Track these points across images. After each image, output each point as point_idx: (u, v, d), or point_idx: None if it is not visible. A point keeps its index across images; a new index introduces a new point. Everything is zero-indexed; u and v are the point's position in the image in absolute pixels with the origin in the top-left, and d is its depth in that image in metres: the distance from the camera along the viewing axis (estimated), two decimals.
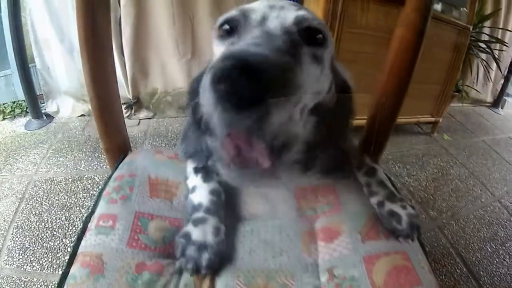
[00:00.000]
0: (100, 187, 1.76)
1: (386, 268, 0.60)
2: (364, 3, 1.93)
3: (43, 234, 1.51)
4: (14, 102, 2.68)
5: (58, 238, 1.49)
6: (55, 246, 1.45)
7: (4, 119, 2.56)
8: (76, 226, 1.55)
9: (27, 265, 1.37)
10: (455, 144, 2.89)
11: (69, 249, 1.43)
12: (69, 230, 1.53)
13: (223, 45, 0.52)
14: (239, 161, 0.44)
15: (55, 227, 1.55)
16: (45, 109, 2.62)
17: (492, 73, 3.81)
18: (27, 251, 1.43)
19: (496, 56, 3.36)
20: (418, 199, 2.02)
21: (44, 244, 1.46)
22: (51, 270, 1.35)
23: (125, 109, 2.61)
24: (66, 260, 1.35)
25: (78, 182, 1.84)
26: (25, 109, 2.63)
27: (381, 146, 0.93)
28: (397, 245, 0.65)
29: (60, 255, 1.41)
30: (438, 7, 2.37)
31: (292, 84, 0.40)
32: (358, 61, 2.09)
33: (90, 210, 0.68)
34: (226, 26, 0.52)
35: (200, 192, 0.68)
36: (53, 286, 1.31)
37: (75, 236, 1.45)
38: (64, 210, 1.64)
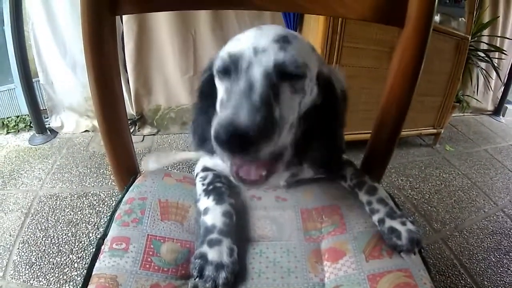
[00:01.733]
0: (105, 203, 1.80)
1: (389, 285, 0.62)
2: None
3: (49, 250, 1.52)
4: (17, 117, 2.69)
5: (64, 254, 1.50)
6: (61, 262, 1.46)
7: (8, 133, 2.58)
8: (83, 242, 1.57)
9: (33, 280, 1.38)
10: (457, 154, 2.91)
11: (75, 265, 1.45)
12: (75, 246, 1.54)
13: (223, 86, 0.64)
14: (241, 177, 0.60)
15: (61, 242, 1.56)
16: (49, 124, 2.64)
17: (492, 82, 3.82)
18: (33, 266, 1.44)
19: (496, 65, 3.37)
20: (422, 212, 2.03)
21: (51, 260, 1.47)
22: (58, 285, 1.36)
23: (129, 125, 2.62)
24: (73, 276, 1.37)
25: (84, 198, 1.86)
26: (29, 124, 2.65)
27: (384, 162, 0.95)
28: (399, 262, 0.67)
29: (67, 270, 1.42)
30: (436, 18, 2.40)
31: (270, 133, 0.53)
32: (359, 75, 2.12)
33: (102, 232, 0.70)
34: (221, 68, 0.62)
35: (213, 214, 0.70)
36: None
37: (82, 253, 1.48)
38: (70, 226, 1.65)
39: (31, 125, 2.60)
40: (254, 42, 0.59)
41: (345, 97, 0.72)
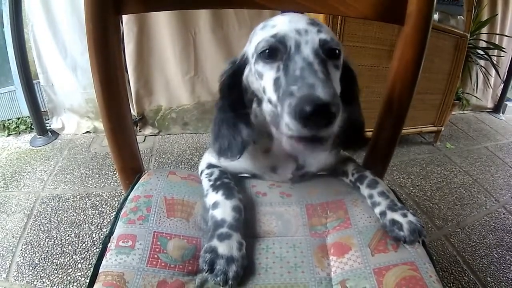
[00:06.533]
0: (108, 204, 1.80)
1: (395, 279, 0.62)
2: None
3: (52, 251, 1.52)
4: (18, 118, 2.71)
5: (68, 255, 1.50)
6: (65, 263, 1.46)
7: (9, 135, 2.60)
8: (86, 243, 1.57)
9: (37, 281, 1.38)
10: (458, 152, 2.92)
11: (79, 266, 1.45)
12: (79, 247, 1.54)
13: (271, 69, 0.63)
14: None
15: (64, 243, 1.56)
16: (50, 126, 2.65)
17: (492, 79, 3.84)
18: (37, 267, 1.44)
19: (495, 62, 3.39)
20: (424, 209, 2.03)
21: (54, 261, 1.47)
22: (62, 286, 1.36)
23: None
24: (77, 277, 1.38)
25: (86, 199, 1.86)
26: (29, 125, 2.66)
27: (386, 160, 0.96)
28: (405, 256, 0.68)
29: (71, 271, 1.43)
30: (435, 16, 2.40)
31: (340, 105, 0.54)
32: (359, 74, 2.10)
33: (108, 231, 0.70)
34: (267, 50, 0.62)
35: (223, 208, 0.71)
36: None
37: (85, 253, 1.48)
38: (73, 227, 1.65)
39: (32, 126, 2.61)
40: (292, 25, 0.63)
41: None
